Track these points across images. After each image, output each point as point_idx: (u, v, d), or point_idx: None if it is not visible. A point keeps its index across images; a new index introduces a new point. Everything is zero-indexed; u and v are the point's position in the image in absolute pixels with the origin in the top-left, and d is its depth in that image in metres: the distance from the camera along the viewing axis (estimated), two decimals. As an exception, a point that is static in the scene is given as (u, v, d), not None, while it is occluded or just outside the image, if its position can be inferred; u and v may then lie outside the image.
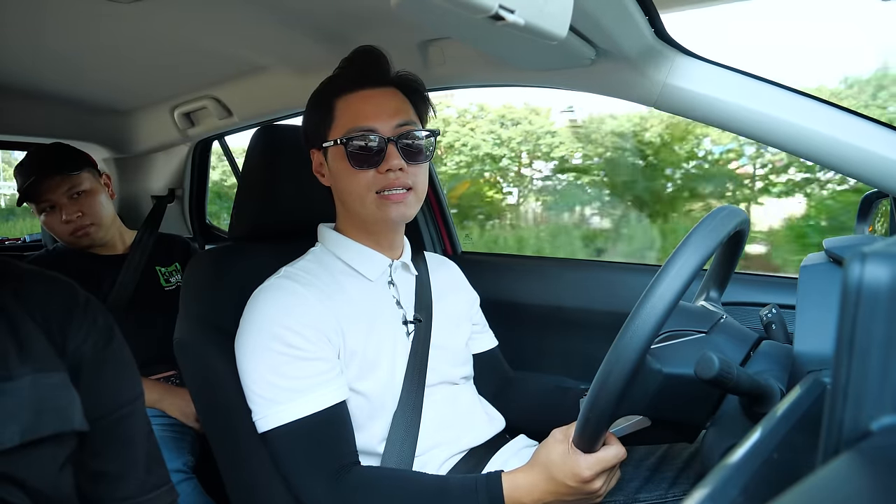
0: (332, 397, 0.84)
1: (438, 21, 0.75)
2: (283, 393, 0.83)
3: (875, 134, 0.85)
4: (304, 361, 0.84)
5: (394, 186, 0.88)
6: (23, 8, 1.08)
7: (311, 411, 0.82)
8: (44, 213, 1.49)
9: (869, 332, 0.25)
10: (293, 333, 0.84)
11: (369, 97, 0.91)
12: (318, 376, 0.84)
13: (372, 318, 0.92)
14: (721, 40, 8.56)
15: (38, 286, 0.67)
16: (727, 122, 0.93)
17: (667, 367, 0.72)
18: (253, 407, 0.85)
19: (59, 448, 0.63)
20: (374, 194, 0.89)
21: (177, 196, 2.18)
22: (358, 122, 0.88)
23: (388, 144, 0.88)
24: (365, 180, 0.88)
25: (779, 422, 0.41)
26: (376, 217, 0.90)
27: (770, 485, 0.31)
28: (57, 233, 1.51)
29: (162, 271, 1.64)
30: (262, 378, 0.83)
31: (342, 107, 0.91)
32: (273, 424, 0.82)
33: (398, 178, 0.88)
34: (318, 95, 0.94)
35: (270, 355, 0.83)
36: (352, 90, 0.91)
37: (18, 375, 0.60)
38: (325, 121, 0.92)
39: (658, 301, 0.63)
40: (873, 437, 0.25)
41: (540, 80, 1.11)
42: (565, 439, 0.80)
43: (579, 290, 1.48)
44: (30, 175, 1.45)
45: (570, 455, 0.78)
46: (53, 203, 1.47)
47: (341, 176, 0.91)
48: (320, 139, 0.93)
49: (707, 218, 0.69)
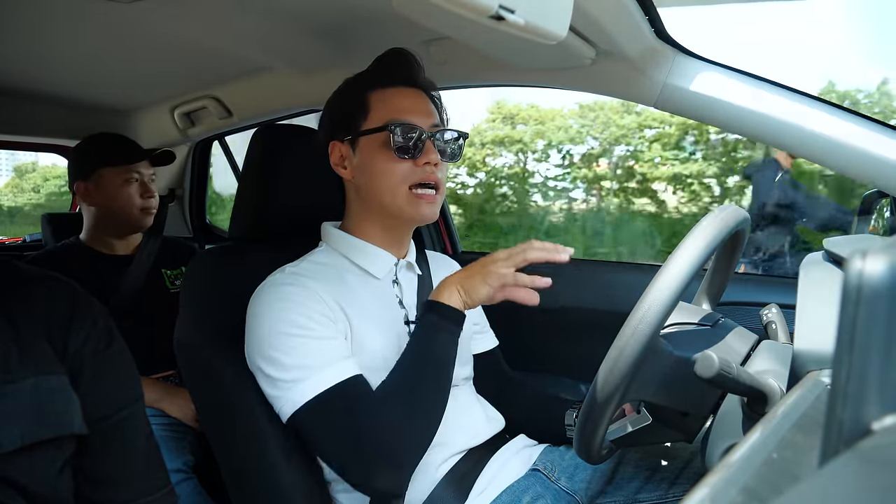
0: (351, 369, 0.84)
1: (439, 21, 0.75)
2: (304, 371, 0.82)
3: (875, 134, 0.85)
4: (318, 341, 0.84)
5: (429, 181, 0.91)
6: (23, 8, 1.08)
7: (335, 381, 0.82)
8: (126, 181, 1.55)
9: (869, 331, 0.25)
10: (303, 317, 0.84)
11: (405, 94, 0.94)
12: (334, 352, 0.84)
13: (377, 317, 0.93)
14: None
15: (39, 287, 0.66)
16: (727, 121, 0.93)
17: (677, 351, 0.73)
18: (274, 393, 0.84)
19: (58, 451, 0.62)
20: (406, 188, 0.91)
21: (177, 196, 2.18)
22: (399, 115, 0.91)
23: (427, 140, 0.91)
24: (401, 171, 0.90)
25: (779, 422, 0.41)
26: (405, 212, 0.92)
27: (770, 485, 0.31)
28: (132, 203, 1.56)
29: (168, 273, 1.64)
30: (278, 361, 0.83)
31: (378, 99, 0.93)
32: (299, 403, 0.81)
33: (433, 172, 0.91)
34: (350, 87, 0.96)
35: (283, 338, 0.83)
36: (386, 86, 0.94)
37: (20, 378, 0.59)
38: (358, 112, 0.93)
39: (672, 280, 0.64)
40: (873, 437, 0.25)
41: (540, 79, 1.11)
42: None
43: (579, 289, 1.48)
44: (128, 147, 1.58)
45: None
46: (141, 177, 1.58)
47: (375, 166, 0.92)
48: (351, 129, 0.94)
49: (710, 215, 0.71)
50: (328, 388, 0.81)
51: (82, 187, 1.54)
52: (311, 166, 1.02)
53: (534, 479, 0.96)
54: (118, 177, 1.54)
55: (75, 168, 1.57)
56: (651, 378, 0.71)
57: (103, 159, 1.54)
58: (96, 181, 1.53)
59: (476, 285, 0.85)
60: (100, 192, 1.54)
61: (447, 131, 0.94)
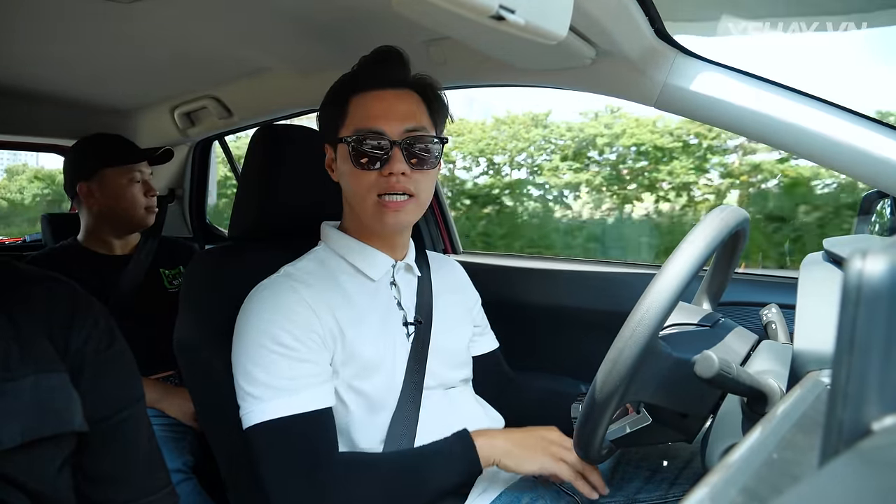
0: (319, 401, 0.84)
1: (438, 21, 0.75)
2: (270, 391, 0.82)
3: (875, 134, 0.85)
4: (295, 362, 0.83)
5: (394, 190, 0.87)
6: (23, 8, 1.08)
7: (296, 411, 0.82)
8: (130, 181, 1.56)
9: (869, 332, 0.25)
10: (287, 333, 0.83)
11: (382, 98, 0.90)
12: (306, 378, 0.84)
13: (373, 320, 0.92)
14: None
15: (39, 287, 0.66)
16: (727, 122, 0.93)
17: (676, 352, 0.73)
18: (241, 403, 0.85)
19: (58, 449, 0.62)
20: (374, 197, 0.88)
21: (177, 196, 2.18)
22: (367, 123, 0.88)
23: (394, 148, 0.87)
24: (367, 181, 0.88)
25: (779, 422, 0.41)
26: (373, 221, 0.90)
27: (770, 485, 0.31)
28: (136, 202, 1.57)
29: (166, 273, 1.64)
30: (251, 375, 0.83)
31: (355, 105, 0.91)
32: (255, 420, 0.82)
33: (399, 182, 0.87)
34: (336, 91, 0.95)
35: (263, 353, 0.83)
36: (367, 89, 0.91)
37: (20, 376, 0.59)
38: (338, 117, 0.92)
39: (671, 281, 0.64)
40: (873, 437, 0.25)
41: (540, 80, 1.11)
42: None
43: (579, 289, 1.48)
44: (129, 147, 1.59)
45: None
46: (143, 177, 1.59)
47: (346, 174, 0.91)
48: (332, 135, 0.93)
49: (710, 215, 0.71)
50: (290, 415, 0.81)
51: (84, 188, 1.54)
52: (311, 166, 1.02)
53: (534, 480, 0.96)
54: (121, 177, 1.54)
55: (75, 169, 1.57)
56: (650, 379, 0.71)
57: (105, 160, 1.54)
58: (99, 181, 1.53)
59: (530, 456, 0.87)
60: (103, 193, 1.53)
61: (425, 136, 0.90)
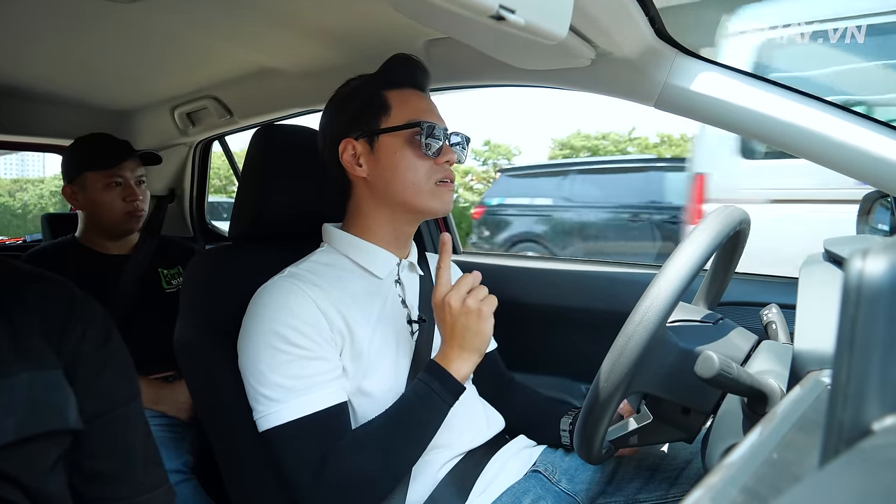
0: (333, 397, 0.84)
1: (438, 21, 0.75)
2: (285, 392, 0.82)
3: (875, 134, 0.85)
4: (307, 360, 0.84)
5: (449, 177, 0.95)
6: (23, 8, 1.09)
7: (312, 410, 0.82)
8: (107, 186, 1.52)
9: (869, 331, 0.25)
10: (296, 332, 0.84)
11: (420, 97, 0.97)
12: (319, 376, 0.84)
13: (378, 317, 0.92)
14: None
15: (36, 285, 0.66)
16: (727, 122, 0.93)
17: (682, 342, 0.73)
18: (254, 406, 0.85)
19: (52, 446, 0.62)
20: (432, 183, 0.93)
21: (177, 196, 2.18)
22: (421, 116, 0.93)
23: (446, 139, 0.94)
24: (425, 169, 0.93)
25: (779, 422, 0.41)
26: (429, 205, 0.94)
27: (770, 485, 0.31)
28: (114, 209, 1.53)
29: (164, 273, 1.64)
30: (264, 376, 0.83)
31: (398, 99, 0.94)
32: (273, 423, 0.82)
33: (450, 171, 0.95)
34: (365, 86, 0.96)
35: (273, 353, 0.83)
36: (402, 87, 0.96)
37: (14, 372, 0.59)
38: (378, 110, 0.94)
39: (679, 271, 0.65)
40: (873, 437, 0.25)
41: (540, 79, 1.11)
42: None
43: (579, 290, 1.48)
44: (110, 150, 1.53)
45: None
46: (124, 181, 1.54)
47: (399, 162, 0.92)
48: (370, 126, 0.93)
49: (713, 213, 0.71)
50: (306, 416, 0.82)
51: (68, 191, 1.55)
52: (311, 166, 1.02)
53: (535, 481, 0.96)
54: (98, 181, 1.52)
55: (64, 171, 1.57)
56: (656, 369, 0.72)
57: (85, 163, 1.52)
58: (80, 185, 1.53)
59: (474, 337, 0.86)
60: (84, 196, 1.53)
61: (455, 135, 0.97)
